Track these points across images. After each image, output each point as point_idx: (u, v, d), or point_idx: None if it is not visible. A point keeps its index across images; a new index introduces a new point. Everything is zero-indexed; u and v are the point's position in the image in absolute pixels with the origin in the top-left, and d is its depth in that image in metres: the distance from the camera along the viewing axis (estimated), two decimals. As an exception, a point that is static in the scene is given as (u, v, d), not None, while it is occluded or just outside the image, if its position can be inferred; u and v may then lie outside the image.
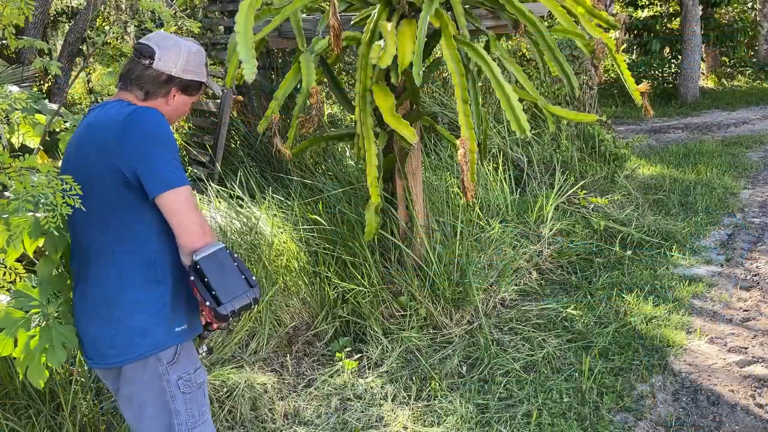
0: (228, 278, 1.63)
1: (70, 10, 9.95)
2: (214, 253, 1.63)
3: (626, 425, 2.60)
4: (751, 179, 6.33)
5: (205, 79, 1.86)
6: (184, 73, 1.78)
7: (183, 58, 1.77)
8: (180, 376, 1.73)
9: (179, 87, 1.79)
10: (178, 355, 1.72)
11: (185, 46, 1.79)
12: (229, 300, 1.62)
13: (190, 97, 1.85)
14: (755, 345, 3.19)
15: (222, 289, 1.62)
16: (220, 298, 1.62)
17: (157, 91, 1.77)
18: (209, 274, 1.61)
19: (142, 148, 1.62)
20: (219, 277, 1.62)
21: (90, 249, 1.71)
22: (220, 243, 1.66)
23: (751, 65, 14.72)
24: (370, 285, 3.42)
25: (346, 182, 4.24)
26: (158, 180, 1.62)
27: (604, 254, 4.32)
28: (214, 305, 1.61)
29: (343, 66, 7.60)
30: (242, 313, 1.66)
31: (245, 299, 1.65)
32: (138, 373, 1.70)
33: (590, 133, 5.98)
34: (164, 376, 1.71)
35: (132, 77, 1.76)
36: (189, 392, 1.75)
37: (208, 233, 1.66)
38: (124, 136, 1.63)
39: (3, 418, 2.43)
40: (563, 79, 3.21)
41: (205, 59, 1.87)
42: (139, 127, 1.64)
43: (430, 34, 2.98)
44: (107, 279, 1.68)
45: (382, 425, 2.67)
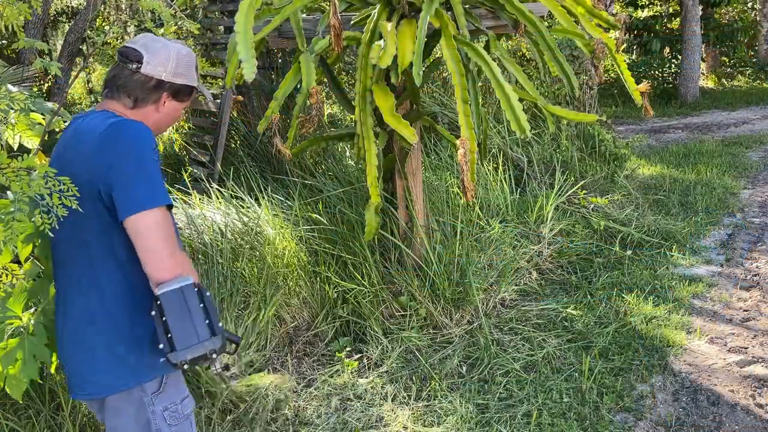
0: (188, 322, 1.44)
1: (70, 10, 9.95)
2: (180, 290, 1.46)
3: (626, 425, 2.60)
4: (751, 179, 6.33)
5: (197, 83, 1.77)
6: (175, 77, 1.68)
7: (173, 61, 1.66)
8: (166, 407, 1.63)
9: (170, 92, 1.69)
10: (164, 385, 1.63)
11: (174, 49, 1.68)
12: (183, 348, 1.43)
13: (181, 103, 1.75)
14: (755, 345, 3.19)
15: (179, 333, 1.44)
16: (174, 343, 1.43)
17: (147, 98, 1.66)
18: (168, 313, 1.44)
19: (117, 164, 1.50)
20: (178, 319, 1.44)
21: (71, 270, 1.61)
22: (190, 278, 1.48)
23: (751, 65, 14.72)
24: (370, 285, 3.42)
25: (346, 182, 4.24)
26: (130, 200, 1.48)
27: (604, 254, 4.32)
28: (167, 349, 1.44)
29: (343, 66, 7.60)
30: (198, 364, 1.46)
31: (201, 349, 1.44)
32: (122, 405, 1.60)
33: (590, 133, 5.98)
34: (149, 407, 1.61)
35: (118, 84, 1.65)
36: (175, 424, 1.64)
37: (180, 264, 1.50)
38: (100, 151, 1.51)
39: (3, 418, 2.43)
40: (563, 79, 3.21)
41: (196, 62, 1.77)
42: (117, 141, 1.52)
43: (430, 34, 2.98)
44: (88, 304, 1.58)
45: (382, 425, 2.67)
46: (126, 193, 1.48)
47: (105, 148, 1.52)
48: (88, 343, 1.58)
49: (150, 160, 1.54)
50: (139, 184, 1.49)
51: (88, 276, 1.58)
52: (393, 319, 3.41)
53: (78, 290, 1.59)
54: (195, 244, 3.49)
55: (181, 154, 5.93)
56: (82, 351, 1.58)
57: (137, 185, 1.49)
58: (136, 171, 1.50)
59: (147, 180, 1.51)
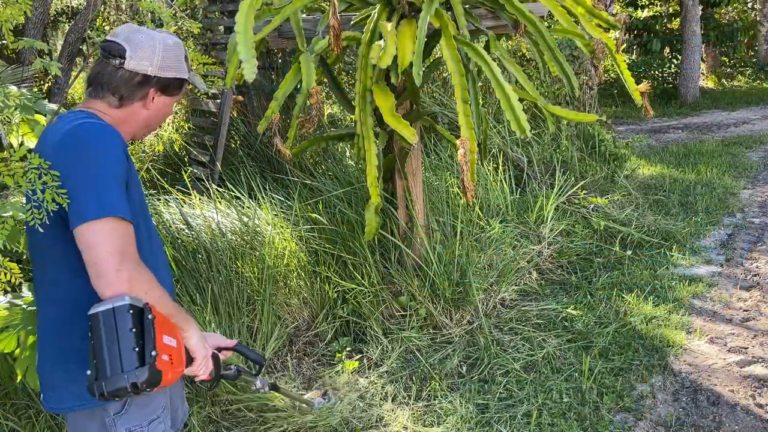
0: (113, 348, 1.30)
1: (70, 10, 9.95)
2: (111, 310, 1.31)
3: (626, 425, 2.60)
4: (751, 179, 6.33)
5: (187, 75, 1.64)
6: (161, 70, 1.56)
7: (158, 54, 1.54)
8: (129, 430, 1.50)
9: (158, 87, 1.57)
10: (128, 407, 1.50)
11: (159, 40, 1.56)
12: (104, 377, 1.30)
13: (171, 97, 1.63)
14: (755, 345, 3.19)
15: (103, 360, 1.30)
16: (97, 371, 1.31)
17: (133, 95, 1.55)
18: (95, 335, 1.31)
19: (70, 170, 1.37)
20: (104, 345, 1.30)
21: (38, 278, 1.53)
22: (127, 299, 1.33)
23: (751, 65, 14.72)
24: (370, 285, 3.42)
25: (346, 182, 4.24)
26: (78, 210, 1.35)
27: (604, 254, 4.32)
28: (92, 377, 1.31)
29: (343, 66, 7.60)
30: (118, 396, 1.32)
31: (119, 382, 1.29)
32: (84, 423, 1.51)
33: (590, 133, 5.98)
34: (111, 428, 1.49)
35: (102, 81, 1.53)
36: None
37: (126, 280, 1.34)
38: (55, 155, 1.40)
39: (3, 418, 2.43)
40: (563, 79, 3.21)
41: (185, 52, 1.64)
42: (72, 146, 1.40)
43: (430, 34, 2.98)
44: (46, 316, 1.51)
45: (382, 425, 2.67)
46: (75, 203, 1.35)
47: (60, 152, 1.41)
48: (46, 356, 1.52)
49: (107, 167, 1.41)
50: (89, 193, 1.36)
51: (45, 287, 1.51)
52: (393, 319, 3.41)
53: (42, 297, 1.53)
54: (194, 245, 3.50)
55: (181, 154, 5.93)
56: (42, 363, 1.52)
57: (87, 194, 1.36)
58: (87, 179, 1.37)
59: (98, 188, 1.37)
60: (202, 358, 1.56)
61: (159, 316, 1.39)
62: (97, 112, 1.54)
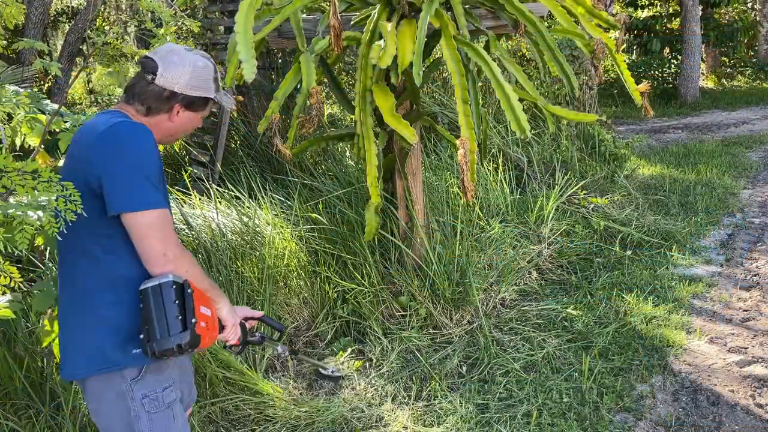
0: (161, 317, 1.56)
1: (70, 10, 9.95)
2: (158, 287, 1.57)
3: (626, 425, 2.60)
4: (751, 179, 6.33)
5: (213, 94, 1.80)
6: (188, 89, 1.73)
7: (187, 74, 1.71)
8: (145, 395, 1.65)
9: (183, 103, 1.74)
10: (144, 374, 1.65)
11: (190, 61, 1.73)
12: (154, 340, 1.56)
13: (196, 113, 1.80)
14: (755, 345, 3.19)
15: (153, 326, 1.56)
16: (148, 334, 1.57)
17: (160, 108, 1.72)
18: (146, 306, 1.57)
19: (112, 164, 1.56)
20: (153, 314, 1.56)
21: (64, 257, 1.69)
22: (170, 276, 1.58)
23: (751, 65, 14.72)
24: (370, 285, 3.42)
25: (346, 182, 4.24)
26: (121, 199, 1.56)
27: (604, 254, 4.32)
28: (145, 340, 1.57)
29: (343, 66, 7.60)
30: (166, 355, 1.57)
31: (168, 343, 1.55)
32: (101, 389, 1.65)
33: (590, 133, 5.98)
34: (128, 393, 1.64)
35: (135, 92, 1.72)
36: (155, 412, 1.67)
37: (172, 260, 1.59)
38: (97, 148, 1.58)
39: (3, 418, 2.43)
40: (563, 79, 3.21)
41: (214, 73, 1.79)
42: (114, 142, 1.58)
43: (430, 34, 2.98)
44: (73, 291, 1.66)
45: (382, 425, 2.67)
46: (119, 192, 1.55)
47: (103, 145, 1.58)
48: (69, 327, 1.67)
49: (147, 162, 1.60)
50: (133, 184, 1.56)
51: (76, 265, 1.66)
52: (393, 319, 3.41)
53: (67, 274, 1.68)
54: (194, 245, 3.50)
55: (181, 154, 5.93)
56: (68, 333, 1.67)
57: (131, 185, 1.56)
58: (131, 172, 1.57)
59: (142, 181, 1.57)
60: (232, 326, 1.82)
61: (196, 290, 1.64)
62: (130, 115, 1.72)
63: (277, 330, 2.17)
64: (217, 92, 1.82)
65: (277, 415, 2.73)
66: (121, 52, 9.33)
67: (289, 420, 2.71)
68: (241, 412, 2.77)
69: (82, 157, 1.61)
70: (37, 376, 2.62)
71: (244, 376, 2.84)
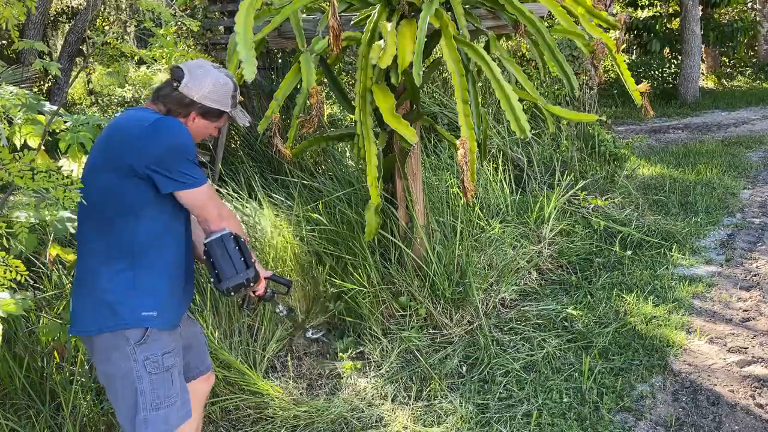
0: (227, 260, 1.90)
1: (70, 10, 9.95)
2: (220, 238, 1.90)
3: (626, 425, 2.60)
4: (751, 179, 6.33)
5: (229, 109, 2.01)
6: (207, 100, 1.94)
7: (208, 87, 1.94)
8: (147, 357, 1.85)
9: (199, 112, 1.96)
10: (147, 338, 1.85)
11: (213, 77, 1.95)
12: (226, 279, 1.90)
13: (210, 123, 2.01)
14: (755, 345, 3.19)
15: (222, 269, 1.91)
16: (220, 277, 1.91)
17: (178, 112, 1.94)
18: (213, 255, 1.90)
19: (165, 154, 1.81)
20: (221, 259, 1.90)
21: (85, 232, 1.90)
22: (226, 229, 1.92)
23: (751, 65, 14.71)
24: (370, 285, 3.42)
25: (346, 182, 4.24)
26: (177, 182, 1.83)
27: (604, 254, 4.32)
28: (216, 282, 1.91)
29: (343, 66, 7.59)
30: (240, 290, 1.95)
31: (239, 279, 1.91)
32: (108, 347, 1.84)
33: (590, 133, 5.98)
34: (131, 355, 1.84)
35: (161, 94, 1.95)
36: (156, 373, 1.87)
37: (225, 218, 1.92)
38: (149, 139, 1.81)
39: (3, 418, 2.43)
40: (563, 79, 3.21)
41: (234, 92, 2.01)
42: (165, 134, 1.83)
43: (430, 35, 2.98)
44: (91, 259, 1.86)
45: (382, 425, 2.67)
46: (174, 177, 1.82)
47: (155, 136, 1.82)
48: (84, 290, 1.87)
49: (189, 148, 1.87)
50: (185, 169, 1.83)
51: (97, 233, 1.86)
52: (393, 319, 3.41)
53: (86, 245, 1.89)
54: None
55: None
56: (80, 296, 1.87)
57: (183, 170, 1.83)
58: (181, 159, 1.83)
59: (190, 165, 1.85)
60: (264, 277, 2.10)
61: (246, 239, 1.99)
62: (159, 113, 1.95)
63: (284, 285, 2.36)
64: (233, 108, 2.03)
65: (277, 414, 2.73)
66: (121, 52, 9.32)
67: (288, 420, 2.71)
68: (240, 412, 2.77)
69: (132, 145, 1.81)
70: (37, 376, 2.62)
71: (244, 376, 2.84)
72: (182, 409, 1.94)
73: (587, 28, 3.14)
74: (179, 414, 1.93)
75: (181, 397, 1.94)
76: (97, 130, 2.44)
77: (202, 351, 2.23)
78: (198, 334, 2.21)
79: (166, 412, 1.89)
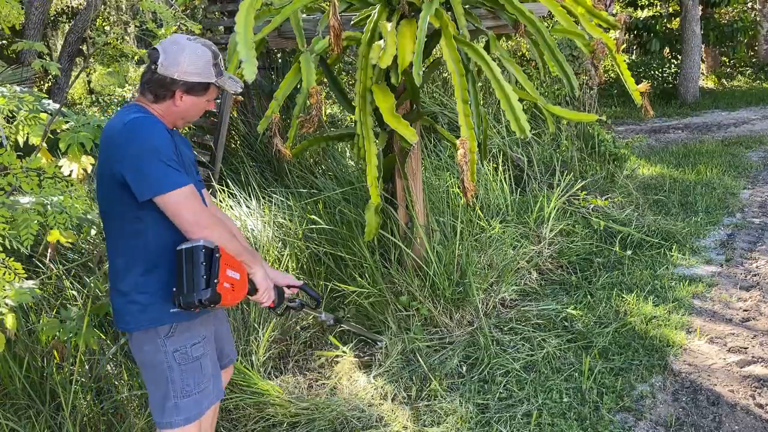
0: (188, 274, 1.80)
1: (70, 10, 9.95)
2: (190, 249, 1.81)
3: (626, 425, 2.60)
4: (751, 179, 6.32)
5: (214, 79, 1.91)
6: (186, 75, 1.85)
7: (185, 61, 1.84)
8: (177, 349, 1.92)
9: (183, 89, 1.88)
10: (173, 331, 1.91)
11: (189, 50, 1.86)
12: (179, 294, 1.81)
13: (199, 97, 1.93)
14: (755, 345, 3.19)
15: (180, 282, 1.81)
16: (179, 288, 1.82)
17: (164, 94, 1.87)
18: (179, 264, 1.82)
19: (134, 157, 1.76)
20: (184, 271, 1.81)
21: (107, 235, 1.95)
22: (201, 241, 1.81)
23: (751, 65, 14.71)
24: (371, 285, 3.42)
25: (346, 182, 4.24)
26: (148, 186, 1.76)
27: (604, 254, 4.32)
28: (176, 292, 1.82)
29: (343, 66, 7.60)
30: (191, 309, 1.82)
31: (190, 298, 1.80)
32: (143, 341, 1.92)
33: (590, 133, 5.98)
34: (162, 348, 1.91)
35: (143, 81, 1.89)
36: (185, 364, 1.93)
37: (204, 227, 1.82)
38: (119, 143, 1.78)
39: (3, 418, 2.43)
40: (563, 79, 3.21)
41: (215, 59, 1.91)
42: (128, 137, 1.78)
43: (430, 34, 2.98)
44: (117, 263, 1.91)
45: (382, 425, 2.67)
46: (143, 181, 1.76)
47: (120, 143, 1.78)
48: (117, 291, 1.93)
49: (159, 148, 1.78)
50: (155, 170, 1.76)
51: (115, 240, 1.91)
52: (397, 319, 3.40)
53: (110, 251, 1.94)
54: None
55: (181, 154, 5.93)
56: (116, 296, 1.93)
57: (153, 171, 1.76)
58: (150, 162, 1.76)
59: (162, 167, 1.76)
60: (264, 289, 2.04)
61: (225, 254, 1.86)
62: (144, 105, 1.90)
63: (314, 299, 2.33)
64: (219, 77, 1.93)
65: (277, 413, 2.73)
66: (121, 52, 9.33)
67: (288, 419, 2.71)
68: (241, 412, 2.77)
69: (109, 154, 1.82)
70: (37, 376, 2.62)
71: (245, 376, 2.84)
72: (213, 393, 2.02)
73: (587, 28, 3.14)
74: (209, 399, 2.00)
75: (213, 382, 2.02)
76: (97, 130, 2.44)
77: (229, 338, 2.30)
78: (224, 320, 2.26)
79: (197, 397, 1.96)
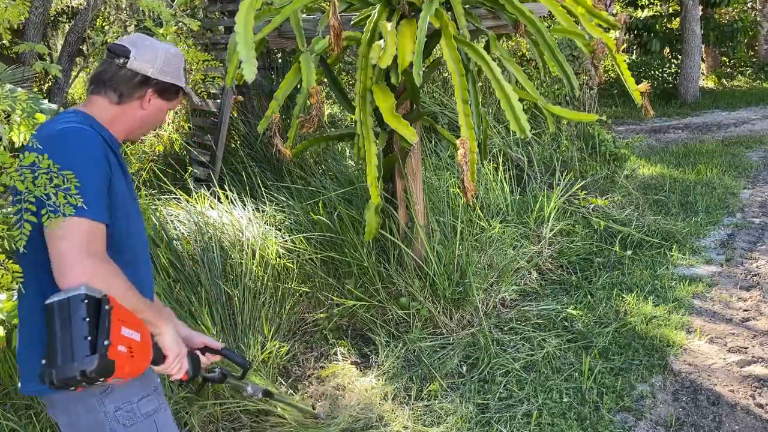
0: (64, 338, 1.30)
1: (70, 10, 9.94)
2: (68, 300, 1.31)
3: (626, 425, 2.60)
4: (751, 179, 6.32)
5: (184, 84, 1.73)
6: (162, 74, 1.65)
7: (161, 58, 1.65)
8: (118, 407, 1.51)
9: (156, 90, 1.66)
10: (111, 385, 1.48)
11: (162, 48, 1.67)
12: (53, 365, 1.29)
13: (166, 103, 1.71)
14: (755, 345, 3.19)
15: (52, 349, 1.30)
16: (50, 359, 1.31)
17: (132, 93, 1.63)
18: (50, 324, 1.31)
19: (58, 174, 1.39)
20: (57, 333, 1.31)
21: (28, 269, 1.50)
22: (83, 289, 1.33)
23: (751, 65, 14.71)
24: (371, 285, 3.42)
25: (346, 182, 4.24)
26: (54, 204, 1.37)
27: (604, 254, 4.32)
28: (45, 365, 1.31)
29: (343, 66, 7.60)
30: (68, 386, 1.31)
31: (70, 371, 1.28)
32: (71, 401, 1.50)
33: (590, 133, 5.98)
34: (99, 407, 1.50)
35: (105, 78, 1.62)
36: (131, 425, 1.52)
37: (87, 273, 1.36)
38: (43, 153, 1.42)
39: (3, 418, 2.43)
40: (563, 79, 3.21)
41: (185, 65, 1.75)
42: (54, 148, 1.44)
43: (430, 34, 2.98)
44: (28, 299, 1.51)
45: (382, 425, 2.67)
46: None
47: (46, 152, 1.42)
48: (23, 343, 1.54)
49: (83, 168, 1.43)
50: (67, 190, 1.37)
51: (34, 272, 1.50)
52: (396, 323, 3.40)
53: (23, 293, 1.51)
54: (193, 245, 3.50)
55: (182, 154, 5.93)
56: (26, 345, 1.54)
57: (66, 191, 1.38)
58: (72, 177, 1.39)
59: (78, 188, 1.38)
60: (175, 356, 1.57)
61: (119, 307, 1.38)
62: (93, 112, 1.61)
63: (239, 366, 1.88)
64: (186, 85, 1.75)
65: (280, 418, 2.72)
66: (121, 52, 9.30)
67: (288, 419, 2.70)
68: (241, 412, 2.76)
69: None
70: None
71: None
72: None
73: (587, 27, 3.14)
74: None
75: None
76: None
77: None
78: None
79: None
